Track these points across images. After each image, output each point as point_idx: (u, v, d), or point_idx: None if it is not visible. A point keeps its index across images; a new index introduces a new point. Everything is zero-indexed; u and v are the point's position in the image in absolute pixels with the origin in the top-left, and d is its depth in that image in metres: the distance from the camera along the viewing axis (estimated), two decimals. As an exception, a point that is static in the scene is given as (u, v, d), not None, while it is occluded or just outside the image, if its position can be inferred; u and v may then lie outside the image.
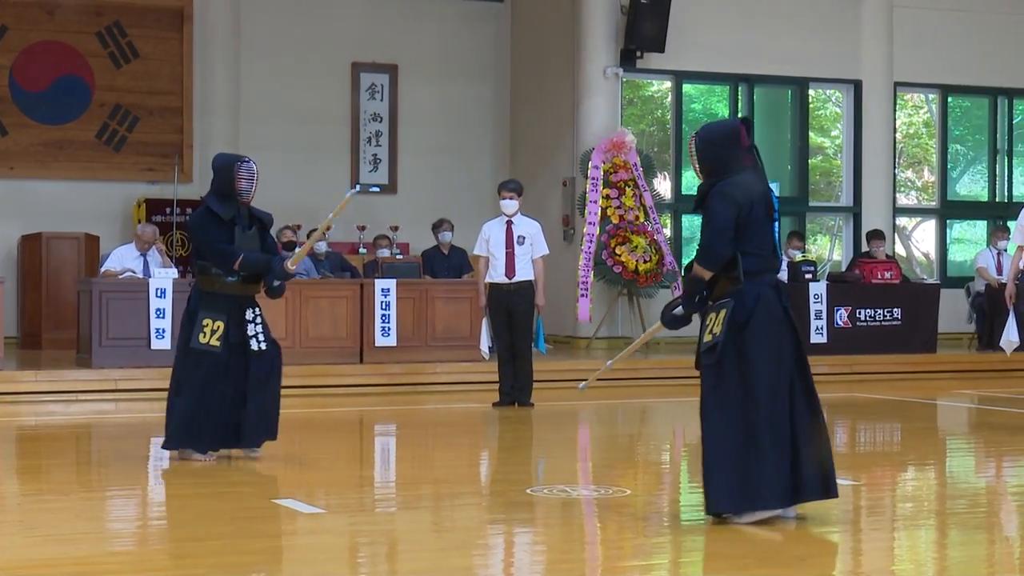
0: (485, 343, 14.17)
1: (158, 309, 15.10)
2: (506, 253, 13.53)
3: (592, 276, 18.41)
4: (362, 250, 19.61)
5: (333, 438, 11.88)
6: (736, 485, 7.37)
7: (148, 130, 20.15)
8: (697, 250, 7.69)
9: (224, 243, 9.57)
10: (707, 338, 7.54)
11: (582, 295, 18.34)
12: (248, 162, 9.62)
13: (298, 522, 7.84)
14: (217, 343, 9.52)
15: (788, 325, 7.57)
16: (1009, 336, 12.39)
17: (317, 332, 15.75)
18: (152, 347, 15.07)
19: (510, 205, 13.64)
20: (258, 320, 9.72)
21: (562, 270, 18.79)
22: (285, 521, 7.88)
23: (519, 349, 13.66)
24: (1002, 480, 9.94)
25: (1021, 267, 12.22)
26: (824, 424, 7.67)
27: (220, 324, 9.53)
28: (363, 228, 19.99)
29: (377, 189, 10.49)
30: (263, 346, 9.69)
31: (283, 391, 14.92)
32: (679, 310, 7.86)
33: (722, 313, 7.48)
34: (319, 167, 20.81)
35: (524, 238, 13.61)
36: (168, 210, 19.51)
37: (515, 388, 13.68)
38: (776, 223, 7.66)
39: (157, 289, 15.12)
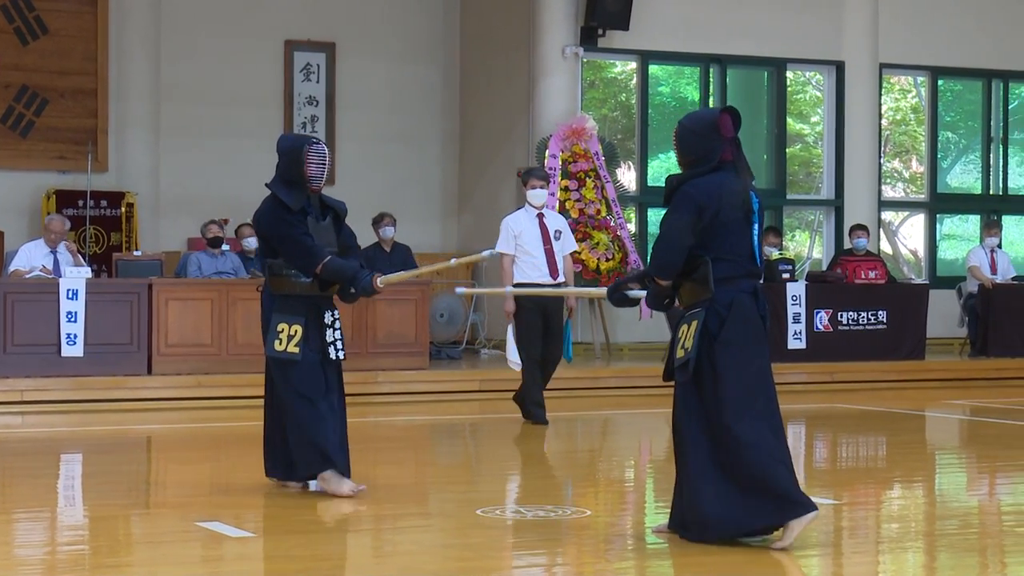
0: (515, 352, 13.45)
1: (69, 312, 15.03)
2: (545, 251, 13.18)
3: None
4: (296, 247, 19.54)
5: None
6: (726, 506, 7.45)
7: (58, 114, 20.04)
8: (650, 259, 7.80)
9: (308, 235, 9.16)
10: (679, 353, 7.59)
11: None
12: (318, 144, 9.27)
13: (225, 546, 7.82)
14: (296, 349, 9.14)
15: (763, 335, 7.63)
16: None
17: (246, 337, 15.69)
18: (63, 354, 15.00)
19: (540, 195, 13.27)
20: (337, 325, 9.33)
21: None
22: (210, 545, 7.86)
23: (554, 360, 13.37)
24: (995, 498, 10.02)
25: None
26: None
27: (297, 328, 9.16)
28: (297, 223, 19.94)
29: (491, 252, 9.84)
30: (341, 355, 9.33)
31: (208, 403, 15.01)
32: (634, 294, 7.93)
33: (693, 325, 7.54)
34: (248, 155, 20.70)
35: (560, 232, 13.34)
36: (81, 203, 19.42)
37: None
38: (756, 225, 7.69)
39: (68, 290, 15.05)
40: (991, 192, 22.59)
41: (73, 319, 15.04)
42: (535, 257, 13.14)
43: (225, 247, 16.83)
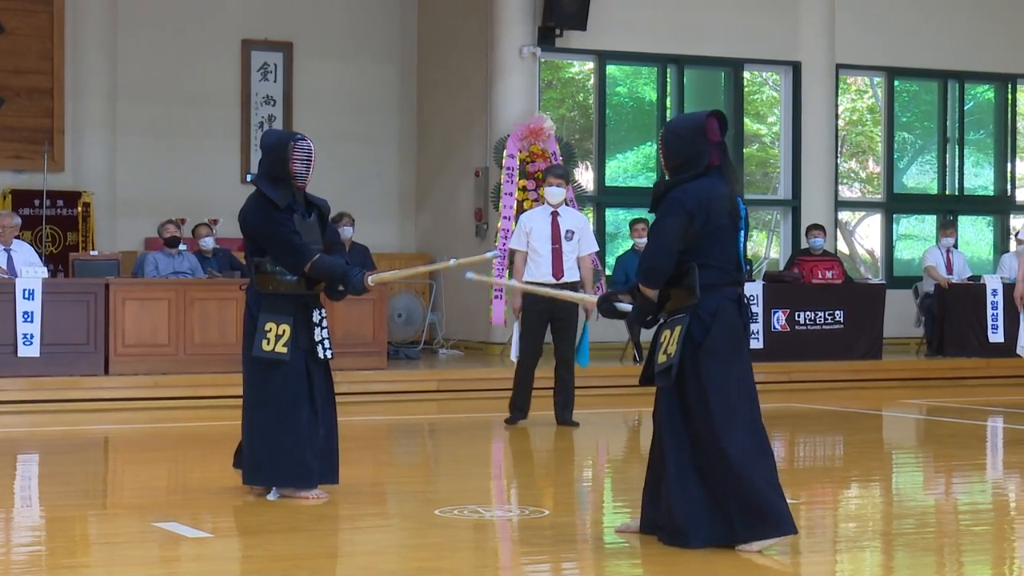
0: (517, 349, 13.33)
1: (26, 312, 14.95)
2: (552, 249, 13.06)
3: (507, 275, 18.42)
4: (253, 247, 19.48)
5: (221, 454, 11.80)
6: (703, 514, 7.44)
7: (14, 113, 19.93)
8: (638, 266, 7.73)
9: (296, 233, 9.04)
10: (661, 359, 7.53)
11: (496, 297, 18.36)
12: (303, 140, 9.13)
13: (182, 547, 7.80)
14: (284, 349, 9.01)
15: (746, 344, 7.61)
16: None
17: (203, 338, 15.67)
18: (19, 354, 14.92)
19: (556, 193, 13.12)
20: (325, 324, 9.24)
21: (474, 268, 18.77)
22: (167, 546, 7.84)
23: (565, 360, 13.24)
24: (952, 498, 10.07)
25: None
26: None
27: (285, 328, 9.02)
28: (254, 222, 19.88)
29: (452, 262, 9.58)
30: (329, 354, 9.25)
31: (165, 403, 14.96)
32: (622, 306, 7.86)
33: (677, 330, 7.48)
34: (206, 154, 20.69)
35: (572, 232, 13.16)
36: (37, 202, 19.33)
37: (556, 405, 13.29)
38: (742, 232, 7.67)
39: (25, 290, 14.97)
40: (947, 192, 22.69)
41: (29, 319, 14.96)
42: (541, 255, 13.05)
43: (182, 247, 16.78)
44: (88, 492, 10.12)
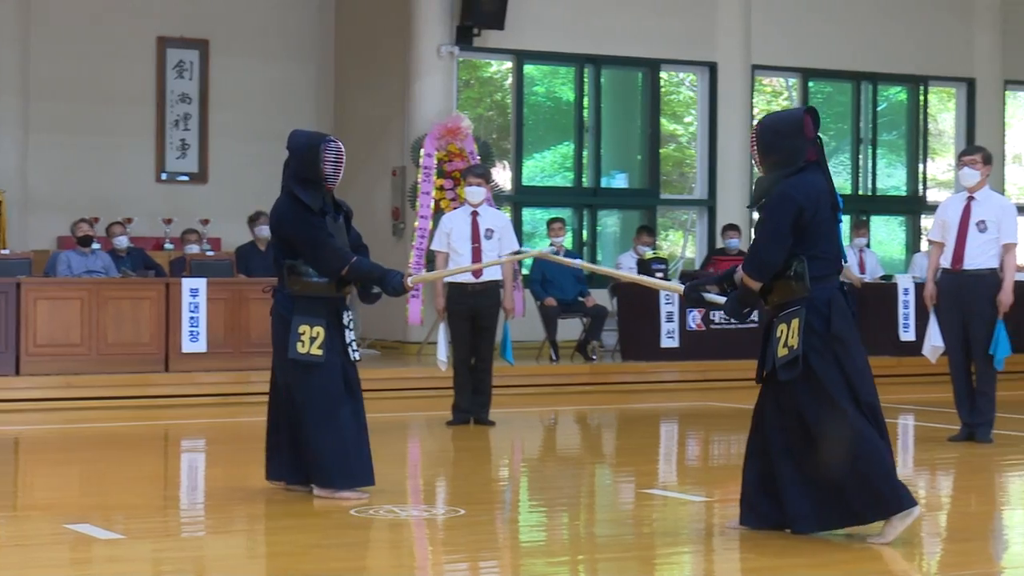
0: (443, 352, 12.92)
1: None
2: (472, 249, 13.04)
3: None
4: (168, 245, 19.39)
5: (134, 455, 11.74)
6: (813, 502, 7.65)
7: (-75, 110, 19.71)
8: (745, 257, 7.85)
9: (333, 237, 9.00)
10: (782, 352, 7.66)
11: (413, 296, 18.32)
12: (334, 141, 9.13)
13: (93, 549, 7.73)
14: (319, 351, 8.93)
15: (859, 331, 7.83)
16: (933, 342, 12.50)
17: (117, 337, 15.53)
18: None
19: (476, 193, 13.12)
20: (352, 326, 9.20)
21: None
22: (78, 548, 7.77)
23: (482, 359, 13.25)
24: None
25: (940, 265, 12.28)
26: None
27: (319, 330, 8.94)
28: (169, 221, 19.76)
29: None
30: (357, 356, 9.19)
31: (78, 403, 14.82)
32: (711, 297, 8.02)
33: (795, 323, 7.63)
34: (120, 153, 20.53)
35: (492, 231, 13.15)
36: (-52, 201, 19.12)
37: (474, 403, 13.29)
38: (840, 223, 7.88)
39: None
40: (860, 193, 22.88)
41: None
42: (461, 255, 13.04)
43: (96, 246, 16.63)
44: (-1, 493, 10.02)
